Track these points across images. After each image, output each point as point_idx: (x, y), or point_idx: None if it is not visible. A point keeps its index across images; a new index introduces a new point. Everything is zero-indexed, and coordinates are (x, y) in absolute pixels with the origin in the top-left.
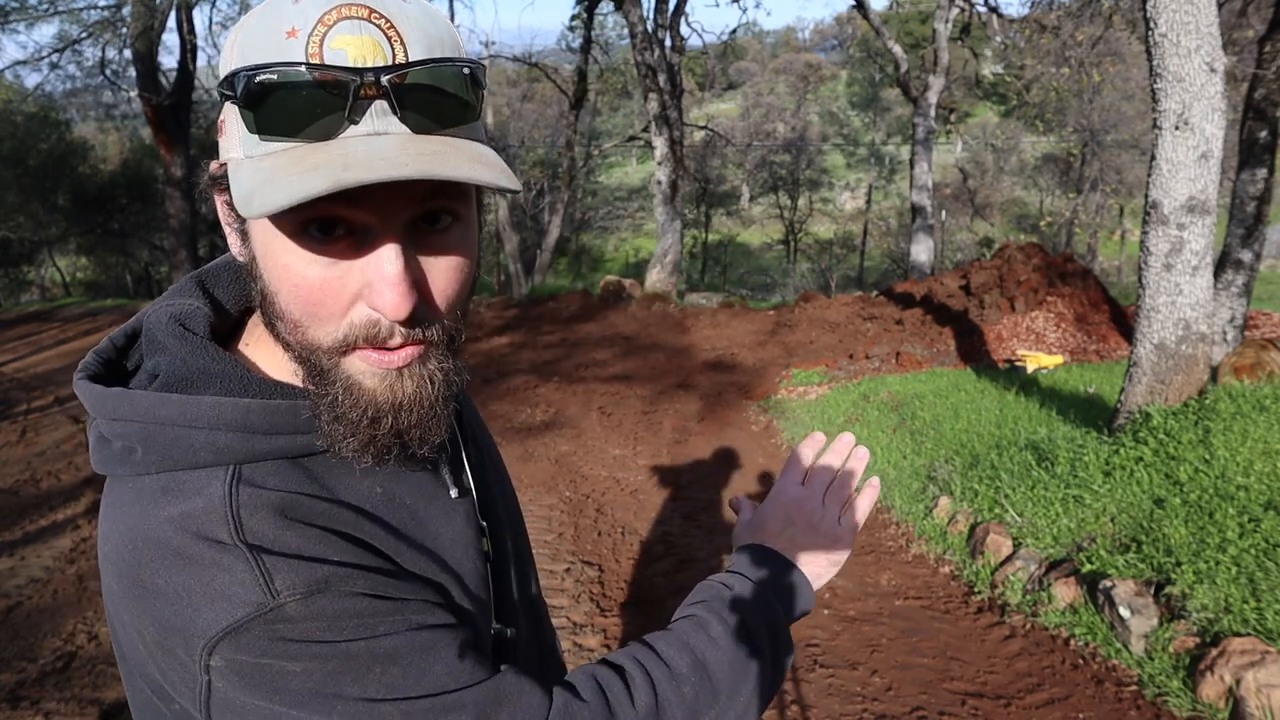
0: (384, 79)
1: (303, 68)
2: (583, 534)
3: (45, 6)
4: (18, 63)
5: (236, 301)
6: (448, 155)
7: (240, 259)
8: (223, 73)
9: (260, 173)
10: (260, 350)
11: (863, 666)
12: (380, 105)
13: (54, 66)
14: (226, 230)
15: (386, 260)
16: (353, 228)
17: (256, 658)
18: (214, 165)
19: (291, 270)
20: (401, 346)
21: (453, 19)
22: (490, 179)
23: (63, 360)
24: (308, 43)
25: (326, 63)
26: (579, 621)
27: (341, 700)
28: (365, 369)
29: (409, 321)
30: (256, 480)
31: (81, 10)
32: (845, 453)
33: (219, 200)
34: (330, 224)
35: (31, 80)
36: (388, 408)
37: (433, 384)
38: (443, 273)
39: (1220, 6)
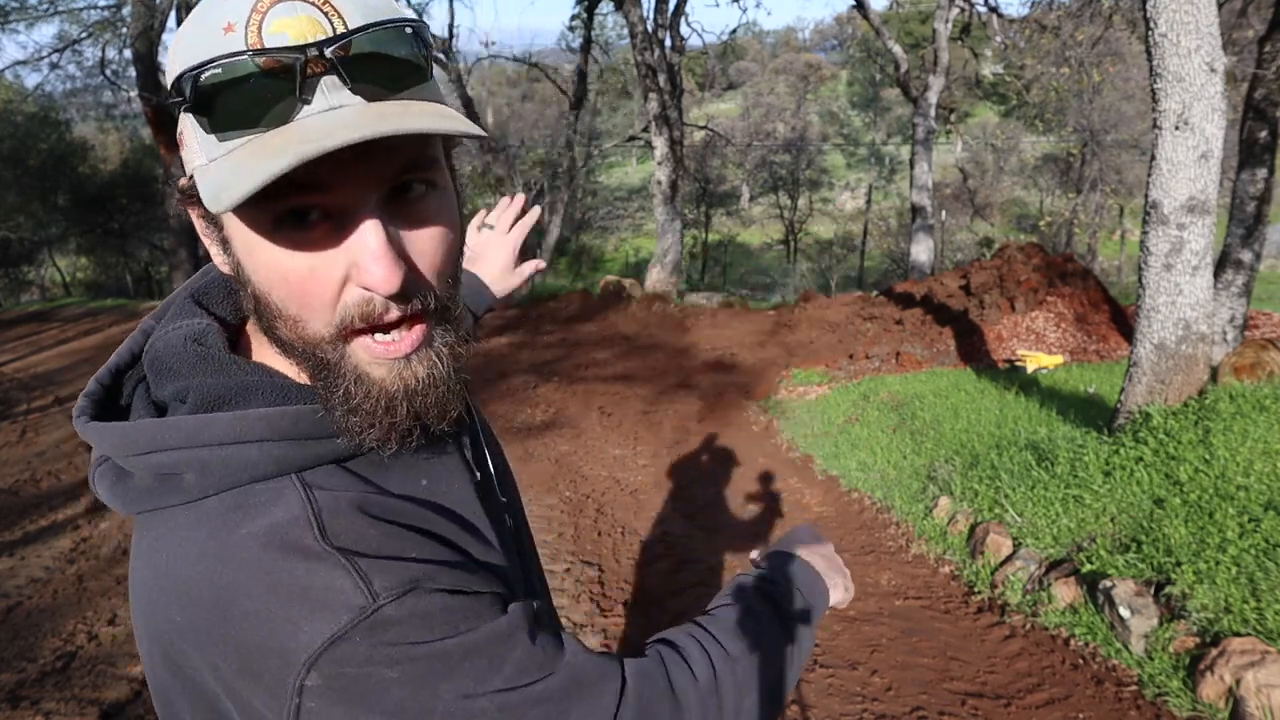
0: (327, 52)
1: (245, 56)
2: (583, 534)
3: (45, 6)
4: (18, 63)
5: (234, 314)
6: (407, 114)
7: (225, 270)
8: (169, 82)
9: (224, 170)
10: (277, 357)
11: (863, 666)
12: (330, 80)
13: (54, 66)
14: (207, 243)
15: (368, 236)
16: (328, 212)
17: (357, 667)
18: (183, 181)
19: (278, 265)
20: (400, 323)
21: (452, 19)
22: (452, 128)
23: (63, 360)
24: (246, 33)
25: (267, 47)
26: (579, 621)
27: (439, 700)
28: (370, 359)
29: (401, 295)
30: (324, 482)
31: (81, 10)
32: None
33: (194, 215)
34: (304, 212)
35: (31, 80)
36: (401, 395)
37: (441, 361)
38: (426, 242)
39: (1220, 6)
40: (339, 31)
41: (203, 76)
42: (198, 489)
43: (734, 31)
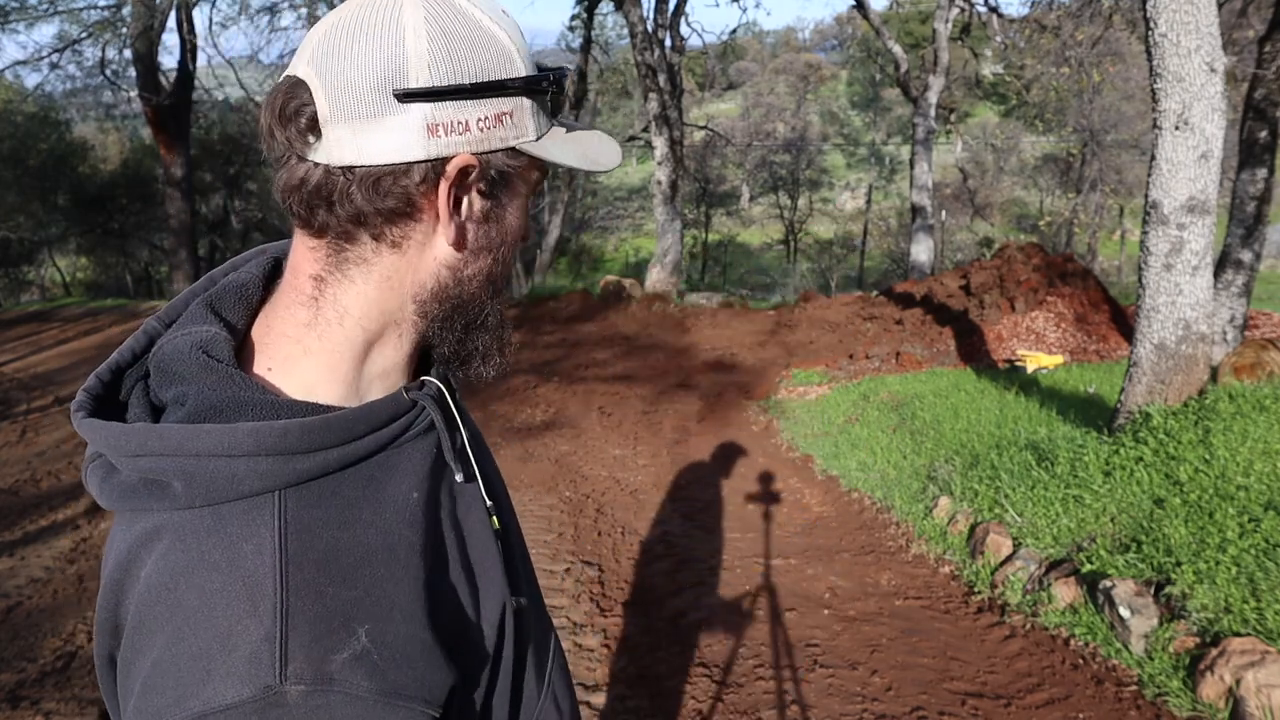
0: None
1: (568, 67)
2: (583, 534)
3: (45, 6)
4: (18, 63)
5: (245, 322)
6: (606, 137)
7: (469, 243)
8: (510, 72)
9: (577, 143)
10: (283, 373)
11: (863, 666)
12: None
13: (54, 66)
14: (461, 218)
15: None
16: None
17: None
18: (506, 153)
19: (523, 221)
20: None
21: None
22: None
23: (63, 360)
24: (520, 58)
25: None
26: (579, 621)
27: None
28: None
29: None
30: (304, 516)
31: (81, 10)
32: None
33: (475, 194)
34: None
35: (31, 80)
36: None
37: None
38: None
39: (1220, 6)
40: None
41: (566, 78)
42: (185, 499)
43: (734, 31)
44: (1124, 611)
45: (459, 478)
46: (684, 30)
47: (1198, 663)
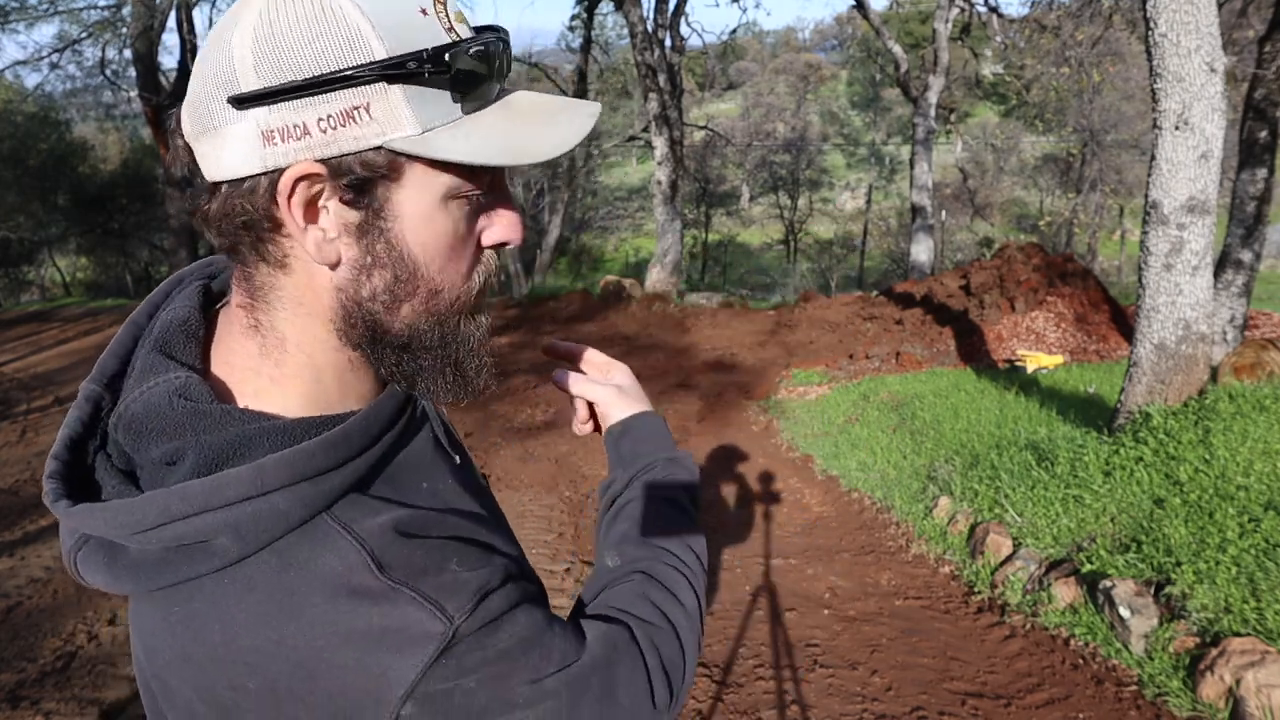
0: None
1: (490, 35)
2: (583, 534)
3: (45, 6)
4: (18, 63)
5: (203, 364)
6: (577, 104)
7: (347, 258)
8: (354, 59)
9: (494, 129)
10: (268, 402)
11: (863, 666)
12: None
13: (54, 66)
14: (326, 231)
15: (509, 196)
16: (492, 184)
17: (445, 683)
18: (367, 154)
19: (449, 232)
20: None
21: None
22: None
23: (63, 360)
24: (438, 18)
25: (482, 32)
26: None
27: (516, 692)
28: (475, 326)
29: None
30: (355, 515)
31: (81, 10)
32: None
33: (335, 200)
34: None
35: (31, 80)
36: (489, 334)
37: None
38: None
39: (1220, 6)
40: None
41: (470, 51)
42: (236, 552)
43: (734, 31)
44: (1124, 611)
45: (456, 459)
46: (684, 30)
47: (1198, 663)
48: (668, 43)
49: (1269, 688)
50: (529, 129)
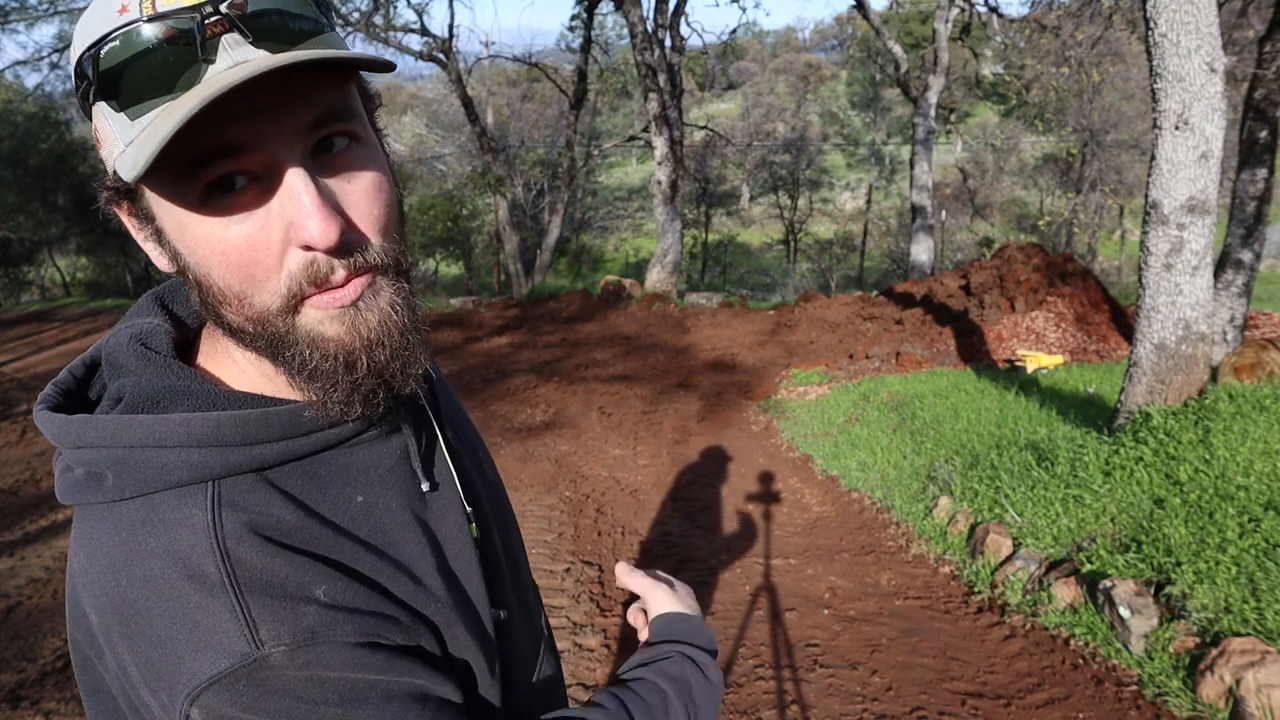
0: (222, 8)
1: (139, 24)
2: (583, 534)
3: (45, 6)
4: (18, 63)
5: (193, 316)
6: (311, 54)
7: (165, 265)
8: (72, 73)
9: (138, 144)
10: (221, 362)
11: (863, 666)
12: (231, 38)
13: (54, 66)
14: (144, 245)
15: (297, 190)
16: (254, 175)
17: (238, 712)
18: (108, 181)
19: (213, 240)
20: (348, 280)
21: (452, 19)
22: (351, 56)
23: (63, 360)
24: (140, 8)
25: (160, 11)
26: (579, 621)
27: None
28: (321, 316)
29: (341, 249)
30: (237, 500)
31: (81, 10)
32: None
33: (125, 217)
34: (229, 180)
35: (31, 80)
36: (359, 348)
37: (395, 312)
38: (359, 195)
39: (1220, 6)
40: None
41: (103, 53)
42: (115, 490)
43: (734, 31)
44: (1124, 611)
45: (425, 486)
46: (684, 30)
47: (1198, 663)
48: (668, 43)
49: (1269, 688)
50: (161, 124)
